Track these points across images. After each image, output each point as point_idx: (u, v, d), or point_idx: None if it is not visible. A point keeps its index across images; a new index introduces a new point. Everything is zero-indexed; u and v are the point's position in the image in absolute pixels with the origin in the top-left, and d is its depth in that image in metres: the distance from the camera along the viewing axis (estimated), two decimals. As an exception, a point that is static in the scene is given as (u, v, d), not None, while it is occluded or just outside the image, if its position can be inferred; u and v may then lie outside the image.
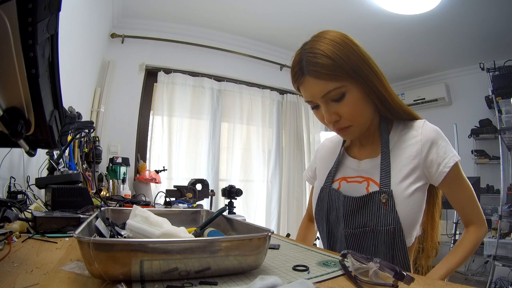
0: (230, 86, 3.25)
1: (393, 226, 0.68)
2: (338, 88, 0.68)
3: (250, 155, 3.28)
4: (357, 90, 0.70)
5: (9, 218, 0.56)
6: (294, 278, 0.46)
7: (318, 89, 0.69)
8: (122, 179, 2.27)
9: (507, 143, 2.97)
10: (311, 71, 0.67)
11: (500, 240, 2.67)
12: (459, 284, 0.45)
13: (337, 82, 0.67)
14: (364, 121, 0.75)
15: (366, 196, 0.72)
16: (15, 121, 0.42)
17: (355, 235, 0.73)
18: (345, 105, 0.70)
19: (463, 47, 3.15)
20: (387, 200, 0.69)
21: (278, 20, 2.91)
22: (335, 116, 0.71)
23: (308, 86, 0.70)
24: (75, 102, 1.83)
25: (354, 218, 0.73)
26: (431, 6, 2.44)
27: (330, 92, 0.68)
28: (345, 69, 0.67)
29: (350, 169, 0.82)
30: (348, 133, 0.75)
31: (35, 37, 0.36)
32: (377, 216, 0.70)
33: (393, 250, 0.70)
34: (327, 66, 0.66)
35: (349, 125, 0.73)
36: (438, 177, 0.71)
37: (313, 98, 0.72)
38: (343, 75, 0.67)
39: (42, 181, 1.13)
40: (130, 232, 0.61)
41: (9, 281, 0.40)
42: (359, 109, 0.71)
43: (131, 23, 2.90)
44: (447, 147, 0.72)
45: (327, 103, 0.71)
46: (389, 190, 0.69)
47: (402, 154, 0.73)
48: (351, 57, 0.68)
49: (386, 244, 0.69)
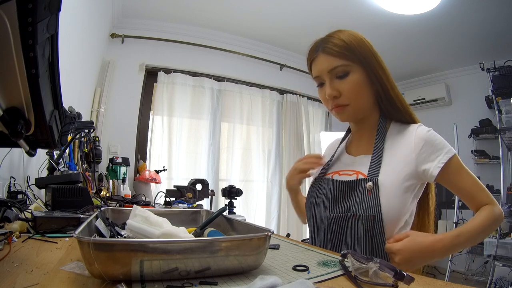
0: (230, 86, 3.25)
1: (374, 214, 0.70)
2: (344, 66, 0.75)
3: (250, 155, 3.28)
4: (361, 73, 0.76)
5: (9, 218, 0.56)
6: (294, 278, 0.46)
7: (326, 63, 0.77)
8: (122, 179, 2.27)
9: (507, 143, 2.97)
10: (325, 48, 0.77)
11: (500, 240, 2.67)
12: (459, 284, 0.45)
13: (344, 61, 0.75)
14: (361, 104, 0.79)
15: (353, 181, 0.75)
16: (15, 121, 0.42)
17: (337, 220, 0.76)
18: (347, 83, 0.76)
19: (463, 47, 3.15)
20: (372, 189, 0.71)
21: (278, 20, 2.91)
22: (336, 92, 0.77)
23: (318, 61, 0.78)
24: (75, 102, 1.83)
25: (340, 203, 0.76)
26: (431, 6, 2.44)
27: (336, 68, 0.76)
28: (355, 52, 0.75)
29: (344, 164, 0.86)
30: (344, 112, 0.79)
31: (35, 37, 0.36)
32: (360, 202, 0.72)
33: (372, 239, 0.71)
34: (339, 46, 0.75)
35: (346, 103, 0.78)
36: (433, 172, 0.72)
37: (321, 73, 0.78)
38: (352, 57, 0.75)
39: (42, 181, 1.13)
40: (130, 232, 0.61)
41: (9, 281, 0.40)
42: (359, 90, 0.77)
43: (131, 23, 2.90)
44: (441, 144, 0.74)
45: (332, 79, 0.77)
46: (375, 179, 0.72)
47: (395, 153, 0.76)
48: (363, 47, 0.76)
49: (365, 232, 0.71)
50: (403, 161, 0.74)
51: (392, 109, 0.80)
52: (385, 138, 0.79)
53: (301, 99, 3.60)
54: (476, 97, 3.37)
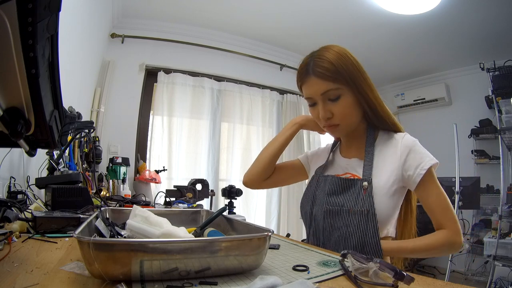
0: (230, 86, 3.25)
1: (368, 209, 0.76)
2: (336, 89, 0.80)
3: (250, 155, 3.28)
4: (351, 95, 0.82)
5: (9, 218, 0.56)
6: (294, 278, 0.46)
7: (319, 87, 0.81)
8: (122, 179, 2.27)
9: (507, 143, 2.97)
10: (317, 72, 0.80)
11: (500, 240, 2.67)
12: (459, 284, 0.45)
13: (335, 84, 0.80)
14: (351, 123, 0.86)
15: (350, 180, 0.83)
16: (15, 121, 0.42)
17: (332, 213, 0.81)
18: (339, 106, 0.81)
19: (463, 47, 3.15)
20: (367, 188, 0.78)
21: (278, 20, 2.91)
22: (329, 113, 0.83)
23: (311, 84, 0.82)
24: (75, 102, 1.83)
25: (336, 197, 0.82)
26: (431, 6, 2.44)
27: (329, 91, 0.80)
28: (344, 75, 0.79)
29: (339, 166, 0.92)
30: (336, 130, 0.86)
31: (35, 37, 0.36)
32: (356, 199, 0.79)
33: (365, 233, 0.76)
34: (330, 70, 0.79)
35: (338, 123, 0.84)
36: (415, 178, 0.77)
37: (314, 95, 0.83)
38: (342, 80, 0.80)
39: (42, 181, 1.13)
40: (130, 232, 0.61)
41: (9, 281, 0.40)
42: (350, 112, 0.83)
43: (131, 23, 2.90)
44: (424, 153, 0.79)
45: (324, 101, 0.82)
46: (369, 179, 0.79)
47: (384, 159, 0.82)
48: (350, 68, 0.81)
49: (359, 226, 0.77)
50: (390, 167, 0.80)
51: (378, 122, 0.87)
52: (375, 145, 0.86)
53: (301, 99, 3.60)
54: (476, 97, 3.37)
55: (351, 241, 0.77)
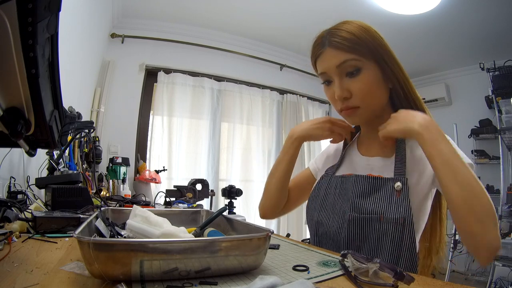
0: (230, 86, 3.25)
1: (404, 216, 0.61)
2: (355, 60, 0.66)
3: (250, 155, 3.28)
4: (374, 69, 0.68)
5: (9, 218, 0.56)
6: (294, 278, 0.46)
7: (335, 58, 0.67)
8: (122, 179, 2.27)
9: (507, 143, 2.97)
10: (333, 42, 0.67)
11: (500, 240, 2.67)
12: (459, 284, 0.45)
13: (355, 55, 0.66)
14: (374, 106, 0.70)
15: (379, 179, 0.67)
16: (15, 121, 0.42)
17: (359, 221, 0.66)
18: (359, 82, 0.67)
19: (463, 47, 3.15)
20: (401, 189, 0.64)
21: (278, 20, 2.91)
22: (346, 92, 0.68)
23: (326, 57, 0.69)
24: (75, 102, 1.83)
25: (363, 201, 0.67)
26: (431, 6, 2.44)
27: (346, 62, 0.67)
28: (367, 46, 0.66)
29: (359, 166, 0.77)
30: (355, 115, 0.71)
31: (35, 37, 0.36)
32: (387, 203, 0.64)
33: (400, 246, 0.62)
34: (349, 39, 0.66)
35: (357, 105, 0.69)
36: None
37: (328, 69, 0.69)
38: (363, 51, 0.66)
39: (42, 181, 1.13)
40: (130, 232, 0.61)
41: (9, 281, 0.40)
42: (373, 90, 0.68)
43: (131, 23, 2.89)
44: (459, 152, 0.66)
45: (341, 76, 0.69)
46: (404, 179, 0.65)
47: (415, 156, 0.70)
48: (375, 39, 0.68)
49: (392, 237, 0.62)
50: (423, 165, 0.67)
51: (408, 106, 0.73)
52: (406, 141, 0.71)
53: (301, 99, 3.60)
54: (476, 97, 3.37)
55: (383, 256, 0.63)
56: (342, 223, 0.69)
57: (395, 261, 0.63)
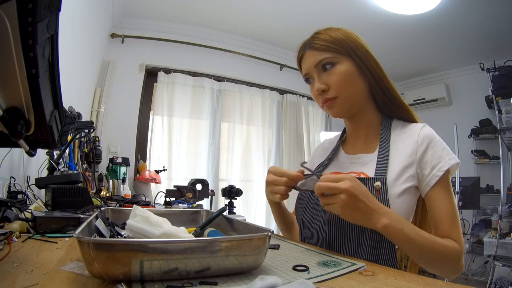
0: (230, 86, 3.25)
1: None
2: (330, 58, 0.73)
3: (250, 155, 3.28)
4: (349, 63, 0.74)
5: (9, 218, 0.56)
6: (294, 278, 0.46)
7: (313, 59, 0.75)
8: (122, 179, 2.27)
9: (507, 143, 2.97)
10: (311, 44, 0.76)
11: (500, 240, 2.67)
12: (459, 284, 0.45)
13: (330, 54, 0.73)
14: (350, 95, 0.75)
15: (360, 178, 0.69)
16: (15, 121, 0.42)
17: (339, 221, 0.69)
18: (334, 74, 0.73)
19: (463, 47, 3.15)
20: (380, 188, 0.66)
21: (278, 20, 2.91)
22: (324, 85, 0.74)
23: (306, 58, 0.78)
24: (75, 102, 1.83)
25: None
26: (431, 6, 2.44)
27: (322, 61, 0.74)
28: (342, 45, 0.73)
29: (343, 163, 0.81)
30: (334, 106, 0.75)
31: (35, 37, 0.36)
32: None
33: (379, 244, 0.65)
34: (325, 40, 0.74)
35: (335, 96, 0.74)
36: (430, 180, 0.67)
37: (309, 69, 0.77)
38: (339, 50, 0.73)
39: (42, 181, 1.13)
40: (130, 232, 0.61)
41: (9, 281, 0.40)
42: (348, 80, 0.73)
43: (131, 23, 2.90)
44: (444, 150, 0.69)
45: (319, 73, 0.76)
46: (383, 178, 0.67)
47: (398, 153, 0.72)
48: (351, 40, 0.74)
49: (372, 236, 0.65)
50: (405, 161, 0.70)
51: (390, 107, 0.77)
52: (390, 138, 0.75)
53: (301, 99, 3.60)
54: (476, 97, 3.37)
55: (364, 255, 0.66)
56: (323, 223, 0.72)
57: (375, 258, 0.65)
